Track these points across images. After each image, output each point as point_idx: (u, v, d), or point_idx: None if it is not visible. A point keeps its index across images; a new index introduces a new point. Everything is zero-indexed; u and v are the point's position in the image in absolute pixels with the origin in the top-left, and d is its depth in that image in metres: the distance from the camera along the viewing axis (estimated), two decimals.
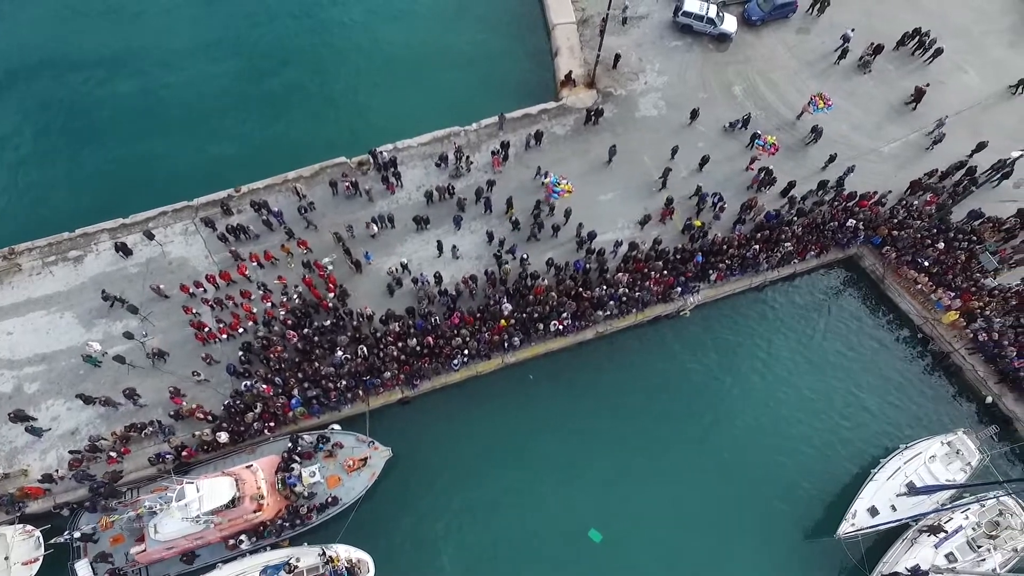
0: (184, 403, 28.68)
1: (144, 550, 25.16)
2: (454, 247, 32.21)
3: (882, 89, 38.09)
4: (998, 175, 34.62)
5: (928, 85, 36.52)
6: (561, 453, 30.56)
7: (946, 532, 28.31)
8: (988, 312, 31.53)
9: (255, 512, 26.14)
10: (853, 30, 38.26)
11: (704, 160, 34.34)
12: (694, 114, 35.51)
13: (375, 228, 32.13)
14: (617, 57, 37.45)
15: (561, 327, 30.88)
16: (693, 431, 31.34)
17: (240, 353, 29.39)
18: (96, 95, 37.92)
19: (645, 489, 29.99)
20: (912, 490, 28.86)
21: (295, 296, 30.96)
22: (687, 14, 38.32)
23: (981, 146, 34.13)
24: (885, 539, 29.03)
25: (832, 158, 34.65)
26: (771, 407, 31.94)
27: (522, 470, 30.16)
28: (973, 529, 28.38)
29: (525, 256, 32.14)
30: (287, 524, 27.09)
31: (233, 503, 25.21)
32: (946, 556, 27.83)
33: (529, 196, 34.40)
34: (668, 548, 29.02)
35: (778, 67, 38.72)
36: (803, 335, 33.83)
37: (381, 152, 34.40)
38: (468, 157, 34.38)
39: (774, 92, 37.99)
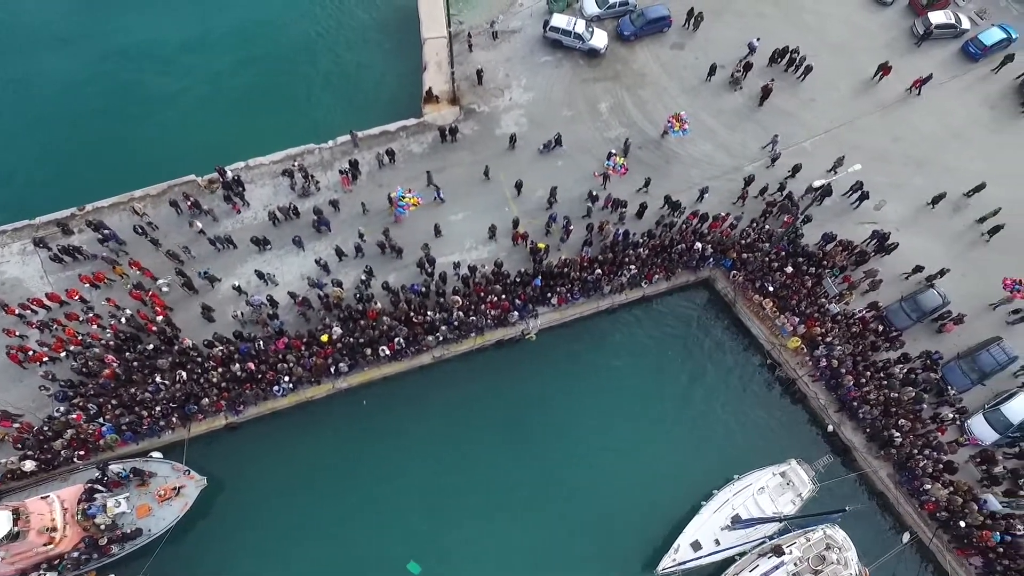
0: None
1: None
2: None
3: (751, 108, 37.32)
4: (856, 196, 33.98)
5: (773, 81, 36.13)
6: (386, 482, 30.02)
7: (769, 565, 27.55)
8: (830, 339, 30.77)
9: (46, 545, 25.50)
10: (759, 39, 37.58)
11: (553, 190, 33.58)
12: (558, 139, 34.89)
13: (169, 278, 31.15)
14: (479, 73, 36.75)
15: (390, 352, 30.15)
16: (526, 460, 30.74)
17: (49, 378, 28.69)
18: None
19: (470, 521, 29.42)
20: (737, 523, 28.19)
21: (122, 318, 30.24)
22: (555, 29, 37.64)
23: (796, 168, 33.86)
24: (709, 574, 28.25)
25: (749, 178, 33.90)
26: (610, 437, 31.29)
27: (344, 500, 29.59)
28: (796, 563, 27.63)
29: (363, 278, 31.43)
30: (85, 557, 26.40)
31: (15, 536, 24.53)
32: None
33: (379, 215, 33.67)
34: None
35: (648, 83, 38.01)
36: (652, 360, 33.18)
37: (227, 170, 33.68)
38: (313, 176, 33.63)
39: (641, 109, 37.31)
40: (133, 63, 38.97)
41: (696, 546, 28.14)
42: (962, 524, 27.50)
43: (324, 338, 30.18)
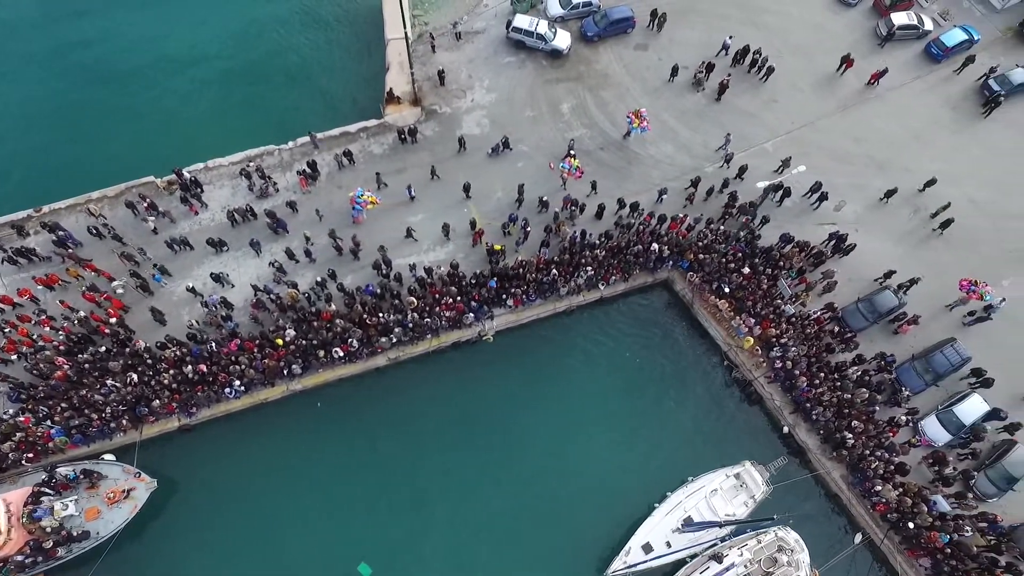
0: None
1: None
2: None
3: (713, 108, 37.29)
4: (816, 197, 34.01)
5: (730, 76, 36.35)
6: (340, 484, 29.98)
7: (719, 568, 27.53)
8: (785, 340, 30.77)
9: None
10: (732, 37, 37.62)
11: (521, 187, 33.51)
12: (506, 142, 34.82)
13: (124, 280, 31.01)
14: (441, 74, 36.69)
15: (344, 354, 30.08)
16: (480, 462, 30.68)
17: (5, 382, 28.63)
18: None
19: (421, 522, 29.41)
20: (688, 525, 28.16)
21: (75, 320, 30.12)
22: (517, 30, 37.61)
23: (743, 170, 33.91)
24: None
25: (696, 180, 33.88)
26: (566, 439, 31.26)
27: (297, 502, 29.52)
28: (746, 566, 27.62)
29: (319, 280, 31.35)
30: (30, 560, 26.28)
31: None
32: None
33: (338, 216, 33.60)
34: None
35: (611, 84, 37.98)
36: (610, 362, 33.14)
37: (185, 172, 33.58)
38: (270, 177, 33.56)
39: (603, 110, 37.29)
40: (93, 64, 38.81)
41: (647, 548, 28.12)
42: (911, 525, 27.43)
43: (279, 341, 30.03)
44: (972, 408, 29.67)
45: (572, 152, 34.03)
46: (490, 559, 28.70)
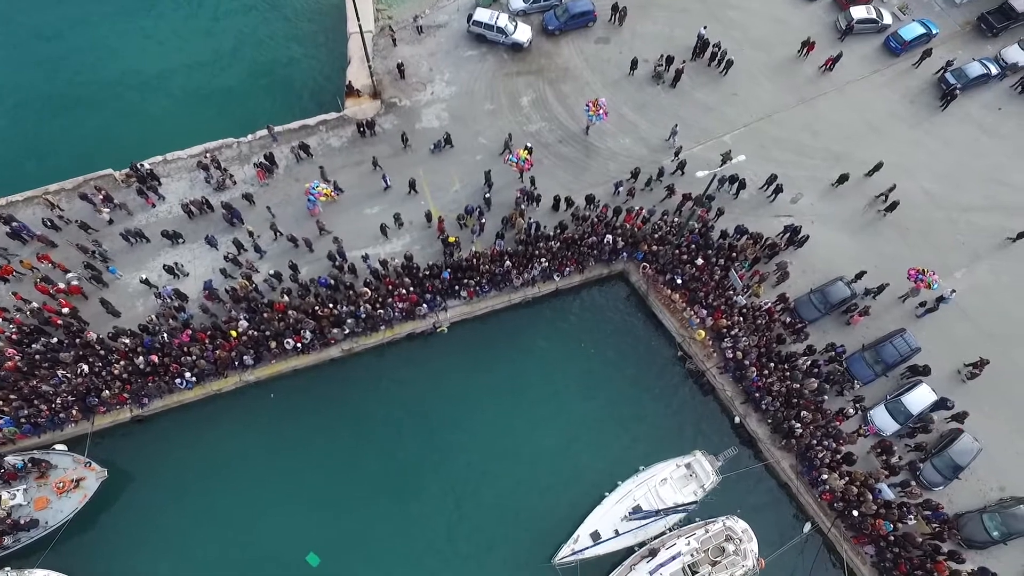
0: None
1: None
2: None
3: (673, 101, 37.48)
4: (772, 189, 34.22)
5: (684, 63, 36.75)
6: (292, 475, 30.10)
7: (666, 556, 27.68)
8: (735, 331, 30.96)
9: None
10: (706, 27, 37.80)
11: (488, 174, 33.70)
12: (447, 138, 34.97)
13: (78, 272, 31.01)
14: (400, 67, 36.82)
15: (297, 344, 30.17)
16: (432, 453, 30.81)
17: None
18: None
19: (370, 513, 29.57)
20: (636, 514, 28.32)
21: (27, 312, 30.16)
22: (478, 23, 37.72)
23: (681, 164, 34.42)
24: (607, 564, 28.35)
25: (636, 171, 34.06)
26: (519, 430, 31.40)
27: (248, 493, 29.63)
28: (692, 555, 27.78)
29: (271, 272, 31.46)
30: None
31: None
32: None
33: (296, 208, 33.71)
34: (386, 574, 28.38)
35: (571, 78, 38.13)
36: (565, 353, 33.28)
37: (143, 164, 33.64)
38: (227, 169, 33.63)
39: (563, 104, 37.44)
40: (53, 59, 38.78)
41: (595, 536, 28.26)
42: (856, 513, 27.63)
43: (232, 333, 30.11)
44: (920, 398, 29.91)
45: (510, 146, 34.24)
46: (440, 548, 28.89)
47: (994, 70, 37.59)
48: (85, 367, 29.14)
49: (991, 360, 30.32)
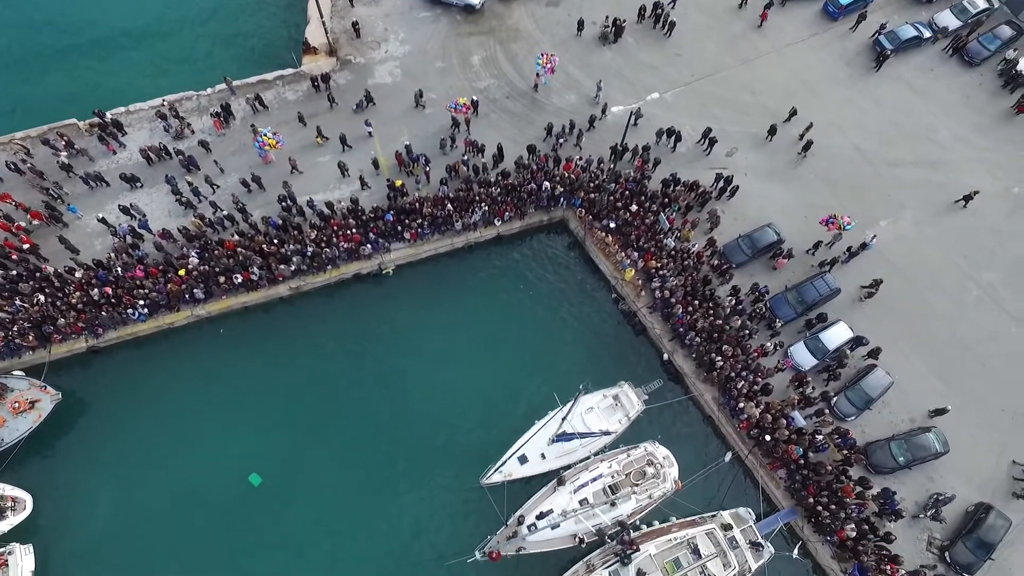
0: None
1: None
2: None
3: (618, 61, 39.05)
4: (707, 142, 35.76)
5: (625, 21, 38.40)
6: (236, 405, 31.49)
7: (588, 478, 29.10)
8: (664, 272, 32.49)
9: None
10: None
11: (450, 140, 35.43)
12: (368, 96, 36.55)
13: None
14: (355, 25, 38.37)
15: (244, 280, 31.69)
16: (372, 386, 32.21)
17: None
18: None
19: (311, 439, 30.96)
20: (561, 438, 29.73)
21: None
22: None
23: (605, 108, 36.42)
24: (534, 486, 29.79)
25: (549, 127, 35.82)
26: (459, 365, 32.74)
27: (195, 421, 31.03)
28: (613, 476, 29.23)
29: (226, 213, 32.98)
30: None
31: None
32: (580, 501, 28.63)
33: (250, 157, 35.23)
34: (326, 495, 29.88)
35: (521, 38, 39.72)
36: (507, 295, 34.77)
37: (107, 114, 35.22)
38: (184, 118, 35.20)
39: (512, 63, 39.00)
40: (18, 13, 40.31)
41: (522, 460, 29.65)
42: (768, 438, 29.16)
43: (182, 272, 31.62)
44: (837, 335, 31.42)
45: (422, 101, 36.17)
46: (378, 471, 30.36)
47: (926, 34, 39.07)
48: (42, 297, 30.58)
49: (908, 302, 31.96)
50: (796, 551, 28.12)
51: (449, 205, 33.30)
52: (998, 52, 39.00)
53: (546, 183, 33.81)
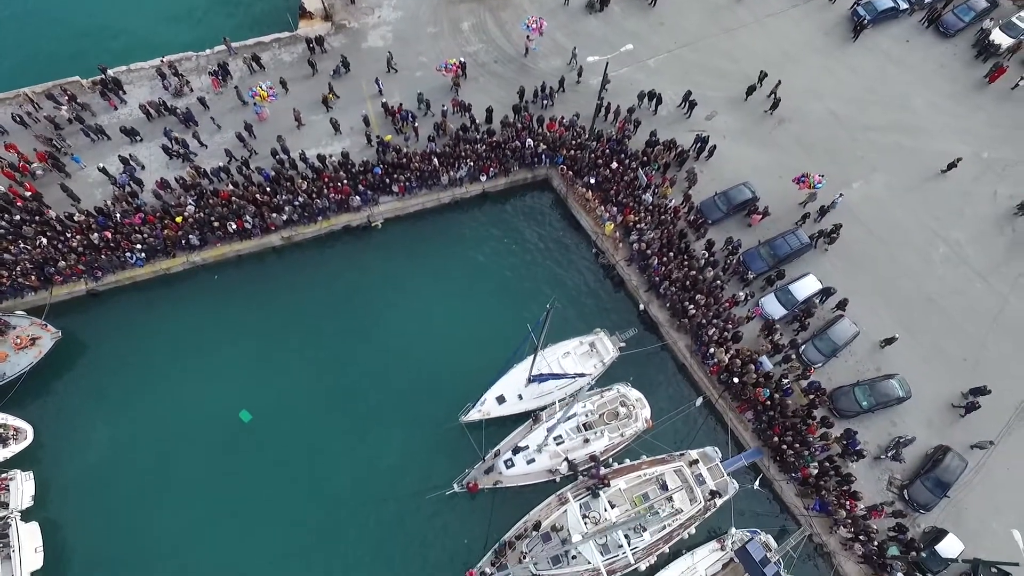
0: None
1: None
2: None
3: (604, 30, 40.35)
4: (687, 106, 37.01)
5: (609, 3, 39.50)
6: (229, 346, 32.84)
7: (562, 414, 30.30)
8: (641, 226, 33.76)
9: None
10: None
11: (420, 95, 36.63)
12: (345, 62, 37.88)
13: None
14: None
15: (238, 228, 33.07)
16: (362, 330, 33.53)
17: None
18: None
19: (298, 378, 32.26)
20: (537, 379, 30.99)
21: None
22: None
23: (580, 71, 37.81)
24: (510, 425, 31.07)
25: (521, 90, 36.90)
26: (443, 313, 34.01)
27: (189, 361, 32.36)
28: (587, 415, 30.51)
29: (222, 164, 34.38)
30: None
31: None
32: (554, 438, 29.91)
33: (247, 113, 36.61)
34: (312, 432, 31.22)
35: (511, 6, 41.04)
36: (490, 249, 36.08)
37: (110, 71, 36.69)
38: (183, 75, 36.62)
39: (501, 29, 40.33)
40: None
41: (500, 400, 31.00)
42: (736, 381, 30.41)
43: (179, 219, 33.03)
44: (806, 286, 32.66)
45: (394, 64, 37.62)
46: (362, 407, 31.67)
47: (903, 4, 40.28)
48: (44, 240, 32.02)
49: (878, 259, 33.82)
50: (756, 483, 29.36)
51: (436, 160, 34.55)
52: (972, 23, 40.10)
53: (529, 140, 35.04)
